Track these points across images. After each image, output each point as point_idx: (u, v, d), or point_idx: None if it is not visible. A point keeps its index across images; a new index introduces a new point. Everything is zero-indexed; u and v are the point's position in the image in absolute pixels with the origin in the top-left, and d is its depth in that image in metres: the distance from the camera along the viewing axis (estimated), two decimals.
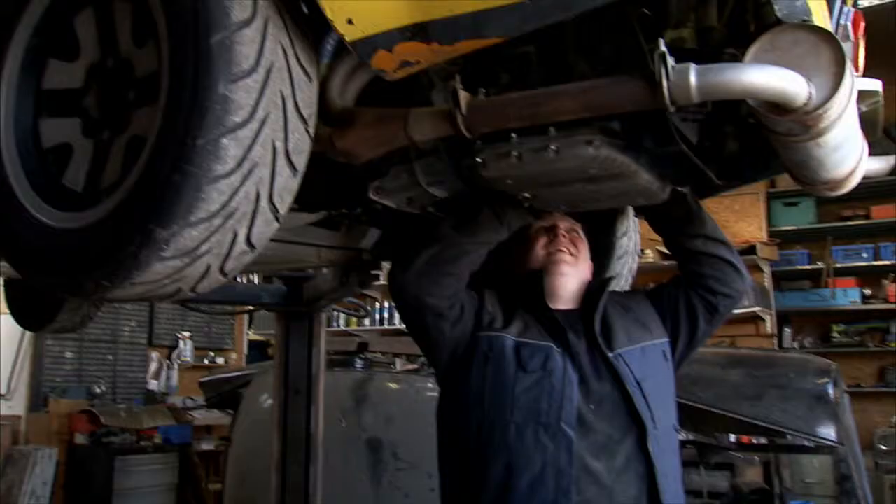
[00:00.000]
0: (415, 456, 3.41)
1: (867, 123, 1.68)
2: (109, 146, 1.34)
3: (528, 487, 1.71)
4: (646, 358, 1.87)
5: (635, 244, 2.37)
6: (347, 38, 1.25)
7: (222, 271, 1.28)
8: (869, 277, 6.60)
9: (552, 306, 1.88)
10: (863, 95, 1.60)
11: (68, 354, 6.88)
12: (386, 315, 7.40)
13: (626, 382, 1.79)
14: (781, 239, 6.83)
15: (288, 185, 1.27)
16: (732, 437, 4.24)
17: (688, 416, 2.73)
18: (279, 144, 1.21)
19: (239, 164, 1.15)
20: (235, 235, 1.23)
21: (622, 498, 1.75)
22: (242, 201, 1.19)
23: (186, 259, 1.19)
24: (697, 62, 1.24)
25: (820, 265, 6.68)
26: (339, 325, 7.81)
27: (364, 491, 3.56)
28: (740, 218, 6.64)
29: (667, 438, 1.85)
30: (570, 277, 1.92)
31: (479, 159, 1.58)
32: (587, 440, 1.75)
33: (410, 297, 1.84)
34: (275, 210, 1.26)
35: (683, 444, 3.55)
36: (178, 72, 1.15)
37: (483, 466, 1.76)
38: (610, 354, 1.82)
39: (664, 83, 1.23)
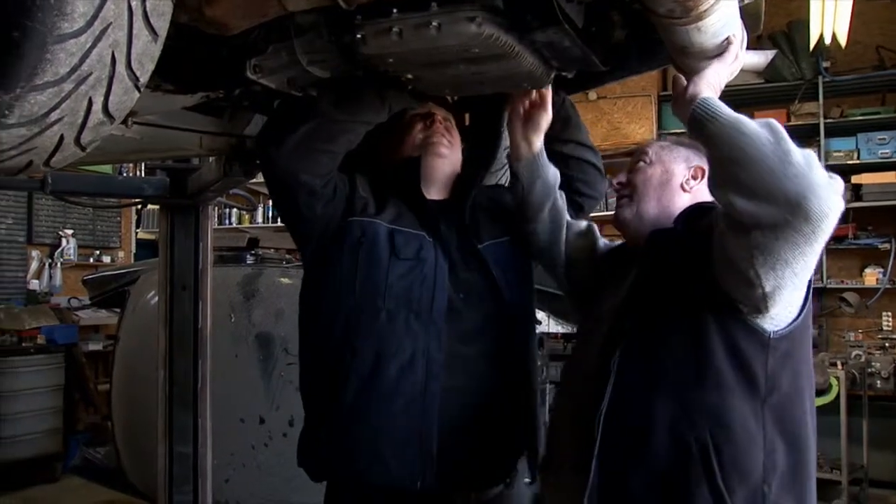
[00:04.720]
0: None
1: (749, 16, 1.70)
2: None
3: (397, 373, 1.73)
4: (512, 250, 1.92)
5: None
6: None
7: (79, 143, 1.19)
8: None
9: (426, 195, 1.89)
10: None
11: None
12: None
13: (493, 272, 1.83)
14: None
15: (148, 50, 1.17)
16: None
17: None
18: (135, 3, 1.11)
19: (89, 23, 1.05)
20: (91, 103, 1.13)
21: (490, 382, 1.81)
22: (96, 65, 1.09)
23: (35, 127, 1.09)
24: None
25: None
26: (230, 223, 7.66)
27: (255, 385, 3.56)
28: (632, 120, 6.74)
29: (528, 326, 1.94)
30: (447, 160, 1.94)
31: (359, 35, 1.51)
32: (457, 328, 1.78)
33: (284, 172, 1.79)
34: (134, 77, 1.17)
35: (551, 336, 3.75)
36: None
37: (350, 353, 1.75)
38: (479, 245, 1.86)
39: None
